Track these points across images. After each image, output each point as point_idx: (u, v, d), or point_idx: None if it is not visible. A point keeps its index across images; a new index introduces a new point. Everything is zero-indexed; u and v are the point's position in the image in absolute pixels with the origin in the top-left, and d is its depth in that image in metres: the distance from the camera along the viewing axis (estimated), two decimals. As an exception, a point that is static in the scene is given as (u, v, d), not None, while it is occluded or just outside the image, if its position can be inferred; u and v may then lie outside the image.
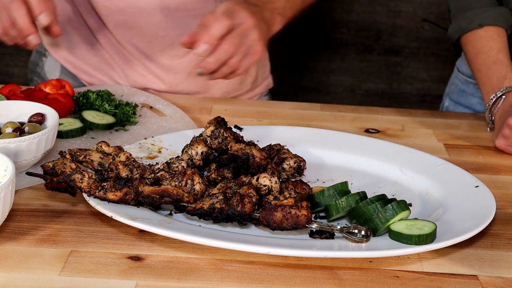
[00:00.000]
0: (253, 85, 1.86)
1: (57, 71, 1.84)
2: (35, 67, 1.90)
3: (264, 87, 1.90)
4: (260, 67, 1.87)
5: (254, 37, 1.44)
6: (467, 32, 1.67)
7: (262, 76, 1.89)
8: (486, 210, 1.16)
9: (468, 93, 1.86)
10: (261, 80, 1.89)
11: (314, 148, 1.39)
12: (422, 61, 3.43)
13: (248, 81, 1.84)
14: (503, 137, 1.48)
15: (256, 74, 1.86)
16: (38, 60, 1.88)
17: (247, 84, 1.84)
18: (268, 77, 1.92)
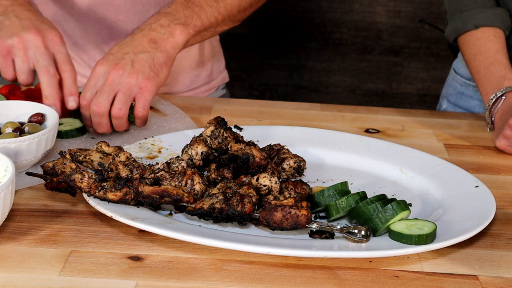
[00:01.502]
0: (209, 79, 1.91)
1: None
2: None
3: (220, 80, 1.95)
4: (214, 62, 1.91)
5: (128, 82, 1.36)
6: (463, 33, 1.67)
7: (217, 70, 1.93)
8: (486, 210, 1.16)
9: (467, 95, 1.86)
10: (217, 74, 1.94)
11: (314, 148, 1.39)
12: (422, 61, 3.43)
13: (204, 75, 1.89)
14: (504, 138, 1.48)
15: (211, 69, 1.91)
16: None
17: (203, 78, 1.89)
18: (223, 71, 1.97)
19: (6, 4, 1.38)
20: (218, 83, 1.94)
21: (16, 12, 1.35)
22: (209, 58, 1.90)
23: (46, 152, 1.28)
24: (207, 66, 1.90)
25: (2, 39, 1.31)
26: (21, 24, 1.32)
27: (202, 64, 1.88)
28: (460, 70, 1.87)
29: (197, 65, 1.86)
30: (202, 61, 1.88)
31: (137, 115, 1.38)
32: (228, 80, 1.99)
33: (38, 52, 1.31)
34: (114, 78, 1.35)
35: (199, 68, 1.87)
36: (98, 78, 1.35)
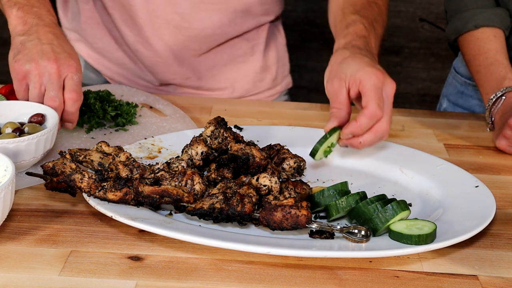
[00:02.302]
0: (273, 84, 1.87)
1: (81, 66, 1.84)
2: None
3: (283, 86, 1.91)
4: (280, 66, 1.88)
5: (392, 100, 1.29)
6: (463, 33, 1.67)
7: (282, 75, 1.89)
8: (486, 210, 1.16)
9: (467, 94, 1.86)
10: (281, 79, 1.89)
11: (314, 148, 1.38)
12: (422, 61, 3.43)
13: (268, 79, 1.85)
14: (504, 138, 1.48)
15: (276, 73, 1.86)
16: None
17: (267, 83, 1.85)
18: (288, 76, 1.93)
19: (31, 23, 1.37)
20: (282, 88, 1.90)
21: (39, 33, 1.34)
22: (273, 62, 1.85)
23: (46, 153, 1.28)
24: (271, 70, 1.85)
25: (20, 62, 1.31)
26: (41, 49, 1.32)
27: (266, 68, 1.84)
28: (460, 70, 1.87)
29: (261, 69, 1.82)
30: (267, 66, 1.84)
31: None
32: (291, 86, 1.94)
33: (50, 80, 1.31)
34: None
35: (263, 72, 1.83)
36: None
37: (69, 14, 1.81)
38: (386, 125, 1.24)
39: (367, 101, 1.23)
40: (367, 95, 1.24)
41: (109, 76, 1.82)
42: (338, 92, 1.29)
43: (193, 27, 1.68)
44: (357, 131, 1.24)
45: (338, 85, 1.29)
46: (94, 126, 1.47)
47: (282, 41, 1.88)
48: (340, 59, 1.32)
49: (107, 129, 1.48)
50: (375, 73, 1.25)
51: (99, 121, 1.49)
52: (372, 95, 1.23)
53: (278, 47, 1.86)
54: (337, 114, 1.28)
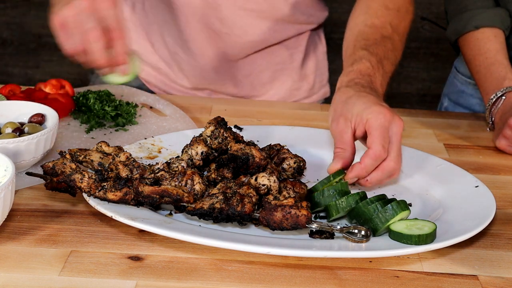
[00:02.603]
0: (310, 92, 1.85)
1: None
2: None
3: (321, 95, 1.88)
4: (318, 75, 1.85)
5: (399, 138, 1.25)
6: (463, 34, 1.68)
7: (319, 84, 1.86)
8: (486, 210, 1.16)
9: (467, 93, 1.86)
10: (318, 88, 1.87)
11: (314, 148, 1.39)
12: (422, 61, 3.42)
13: (305, 88, 1.83)
14: (504, 138, 1.48)
15: (313, 82, 1.84)
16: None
17: (304, 91, 1.83)
18: (326, 85, 1.90)
19: None
20: (318, 98, 1.88)
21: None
22: (312, 71, 1.83)
23: (46, 153, 1.28)
24: (309, 79, 1.83)
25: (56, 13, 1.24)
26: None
27: (304, 77, 1.82)
28: (461, 69, 1.88)
29: (299, 77, 1.80)
30: (305, 74, 1.82)
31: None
32: (328, 95, 1.90)
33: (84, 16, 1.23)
34: None
35: (300, 81, 1.81)
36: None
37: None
38: (393, 163, 1.21)
39: (372, 142, 1.20)
40: (372, 135, 1.21)
41: (144, 78, 1.80)
42: (343, 132, 1.25)
43: (234, 33, 1.66)
44: (361, 174, 1.21)
45: (344, 125, 1.25)
46: (94, 126, 1.47)
47: (322, 49, 1.86)
48: (344, 98, 1.29)
49: (107, 129, 1.48)
50: (382, 112, 1.22)
51: (99, 121, 1.49)
52: (377, 134, 1.20)
53: (317, 55, 1.84)
54: (341, 154, 1.24)
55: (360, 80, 1.33)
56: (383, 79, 1.39)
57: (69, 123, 1.49)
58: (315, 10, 1.74)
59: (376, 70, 1.38)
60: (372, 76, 1.36)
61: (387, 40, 1.46)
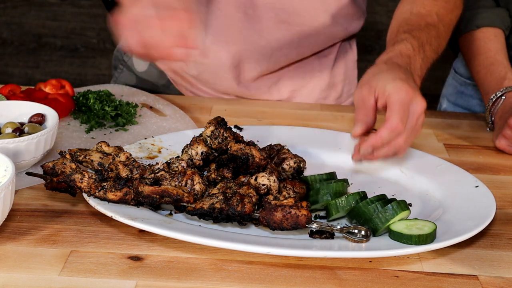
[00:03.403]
0: (337, 101, 1.83)
1: (146, 64, 1.79)
2: (122, 55, 1.85)
3: (348, 104, 1.86)
4: (346, 84, 1.83)
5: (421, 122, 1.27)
6: (464, 33, 1.67)
7: (347, 93, 1.84)
8: (486, 210, 1.16)
9: (466, 94, 1.86)
10: (346, 97, 1.85)
11: (314, 148, 1.39)
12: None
13: (333, 97, 1.81)
14: (504, 138, 1.48)
15: (341, 91, 1.82)
16: None
17: (331, 100, 1.81)
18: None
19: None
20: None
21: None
22: (340, 80, 1.81)
23: (46, 153, 1.28)
24: (337, 88, 1.81)
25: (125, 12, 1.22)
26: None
27: (332, 85, 1.79)
28: (460, 70, 1.88)
29: (327, 86, 1.78)
30: (333, 83, 1.79)
31: None
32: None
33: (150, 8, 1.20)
34: None
35: (328, 89, 1.79)
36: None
37: None
38: (402, 141, 1.21)
39: (390, 115, 1.21)
40: (391, 108, 1.21)
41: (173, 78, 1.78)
42: (366, 99, 1.26)
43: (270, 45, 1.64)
44: (377, 144, 1.21)
45: (367, 92, 1.26)
46: (94, 126, 1.47)
47: (352, 58, 1.83)
48: (376, 71, 1.30)
49: (107, 129, 1.48)
50: (405, 88, 1.23)
51: (99, 121, 1.49)
52: (397, 109, 1.21)
53: (347, 63, 1.81)
54: (363, 119, 1.25)
55: (398, 59, 1.34)
56: (423, 62, 1.40)
57: (69, 123, 1.49)
58: (352, 19, 1.70)
59: (417, 53, 1.38)
60: (412, 57, 1.37)
61: (431, 27, 1.46)
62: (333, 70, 1.77)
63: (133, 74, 1.82)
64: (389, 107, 1.22)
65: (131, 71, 1.82)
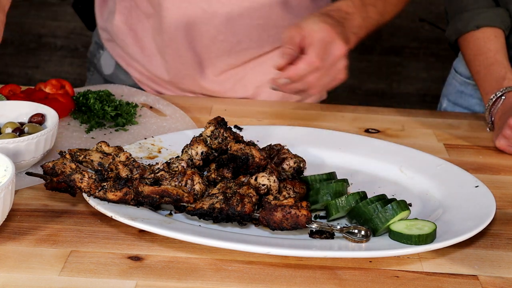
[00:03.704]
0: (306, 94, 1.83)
1: (112, 66, 1.82)
2: (92, 57, 1.89)
3: (316, 97, 1.86)
4: None
5: (341, 67, 1.36)
6: (464, 33, 1.67)
7: None
8: (486, 210, 1.16)
9: (466, 94, 1.86)
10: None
11: (314, 148, 1.38)
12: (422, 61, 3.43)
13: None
14: (503, 138, 1.48)
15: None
16: (96, 52, 1.87)
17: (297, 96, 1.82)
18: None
19: None
20: (313, 101, 1.85)
21: None
22: None
23: (46, 153, 1.28)
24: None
25: None
26: None
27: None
28: (460, 69, 1.88)
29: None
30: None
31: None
32: (325, 97, 1.89)
33: None
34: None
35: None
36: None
37: (105, 13, 1.80)
38: (316, 77, 1.28)
39: (309, 51, 1.29)
40: (311, 44, 1.29)
41: (137, 78, 1.80)
42: (293, 37, 1.33)
43: (228, 40, 1.66)
44: (293, 76, 1.27)
45: (295, 31, 1.33)
46: (94, 126, 1.47)
47: None
48: (308, 17, 1.37)
49: (107, 129, 1.48)
50: (328, 29, 1.31)
51: (99, 121, 1.49)
52: (315, 45, 1.29)
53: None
54: (289, 51, 1.32)
55: (334, 13, 1.40)
56: (363, 22, 1.46)
57: (69, 123, 1.49)
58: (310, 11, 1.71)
59: (357, 11, 1.44)
60: (351, 14, 1.42)
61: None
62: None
63: (101, 76, 1.85)
64: (309, 44, 1.30)
65: (100, 73, 1.86)
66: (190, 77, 1.72)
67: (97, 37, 1.87)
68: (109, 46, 1.81)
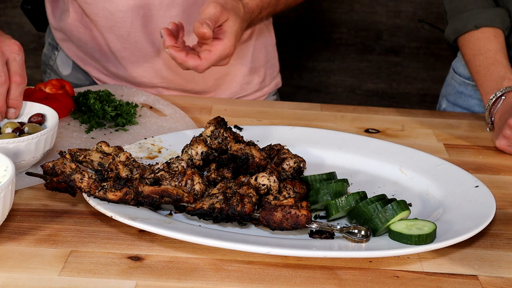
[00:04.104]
0: (261, 85, 1.85)
1: (69, 67, 1.83)
2: (48, 60, 1.88)
3: (272, 86, 1.89)
4: (268, 67, 1.86)
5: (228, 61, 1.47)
6: (463, 33, 1.67)
7: (270, 76, 1.87)
8: (486, 210, 1.16)
9: (466, 94, 1.86)
10: (270, 80, 1.88)
11: (314, 148, 1.39)
12: (422, 61, 3.43)
13: (256, 81, 1.83)
14: (503, 138, 1.48)
15: (264, 74, 1.85)
16: (51, 53, 1.87)
17: (255, 85, 1.83)
18: (277, 76, 1.91)
19: None
20: (270, 90, 1.88)
21: None
22: (262, 64, 1.83)
23: (46, 153, 1.28)
24: (259, 72, 1.83)
25: None
26: None
27: (254, 70, 1.82)
28: (459, 70, 1.88)
29: (249, 71, 1.80)
30: (255, 67, 1.82)
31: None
32: (280, 85, 1.92)
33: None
34: None
35: (251, 74, 1.81)
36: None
37: (57, 13, 1.79)
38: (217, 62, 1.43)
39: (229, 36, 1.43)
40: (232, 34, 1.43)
41: (96, 77, 1.80)
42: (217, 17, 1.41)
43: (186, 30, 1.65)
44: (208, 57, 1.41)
45: (220, 13, 1.42)
46: (94, 126, 1.47)
47: (271, 41, 1.87)
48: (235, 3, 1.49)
49: (107, 129, 1.48)
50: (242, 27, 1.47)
51: (99, 121, 1.49)
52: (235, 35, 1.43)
53: (267, 47, 1.84)
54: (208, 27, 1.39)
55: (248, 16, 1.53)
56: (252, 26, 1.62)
57: (69, 123, 1.49)
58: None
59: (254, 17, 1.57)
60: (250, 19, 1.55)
61: None
62: (253, 55, 1.81)
63: (59, 77, 1.85)
64: (230, 33, 1.43)
65: (57, 74, 1.86)
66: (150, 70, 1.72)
67: (51, 38, 1.86)
68: (64, 46, 1.81)
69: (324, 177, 1.23)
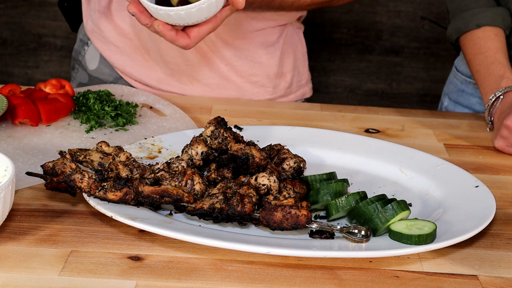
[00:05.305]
0: (287, 91, 1.84)
1: (96, 61, 1.83)
2: (77, 55, 1.89)
3: (299, 95, 1.87)
4: (295, 74, 1.84)
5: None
6: (465, 32, 1.68)
7: (297, 84, 1.86)
8: (486, 210, 1.16)
9: (467, 93, 1.86)
10: (296, 88, 1.86)
11: (314, 148, 1.39)
12: (422, 61, 3.43)
13: (282, 87, 1.82)
14: (501, 138, 1.48)
15: (291, 81, 1.83)
16: (81, 49, 1.88)
17: (281, 90, 1.82)
18: (305, 86, 1.89)
19: None
20: (296, 98, 1.87)
21: None
22: (289, 70, 1.82)
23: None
24: (286, 77, 1.82)
25: None
26: None
27: (281, 75, 1.81)
28: (461, 68, 1.88)
29: (275, 75, 1.80)
30: (281, 72, 1.81)
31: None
32: (309, 96, 1.90)
33: None
34: None
35: (277, 78, 1.80)
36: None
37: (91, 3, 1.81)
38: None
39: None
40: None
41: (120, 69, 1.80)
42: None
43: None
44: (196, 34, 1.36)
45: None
46: (94, 126, 1.47)
47: (302, 50, 1.86)
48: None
49: (107, 129, 1.48)
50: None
51: (99, 121, 1.49)
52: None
53: (296, 54, 1.83)
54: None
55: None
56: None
57: (69, 123, 1.49)
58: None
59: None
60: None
61: None
62: (280, 59, 1.79)
63: (86, 72, 1.85)
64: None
65: (85, 70, 1.86)
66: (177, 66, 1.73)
67: (82, 34, 1.88)
68: (93, 37, 1.81)
69: (324, 177, 1.23)
